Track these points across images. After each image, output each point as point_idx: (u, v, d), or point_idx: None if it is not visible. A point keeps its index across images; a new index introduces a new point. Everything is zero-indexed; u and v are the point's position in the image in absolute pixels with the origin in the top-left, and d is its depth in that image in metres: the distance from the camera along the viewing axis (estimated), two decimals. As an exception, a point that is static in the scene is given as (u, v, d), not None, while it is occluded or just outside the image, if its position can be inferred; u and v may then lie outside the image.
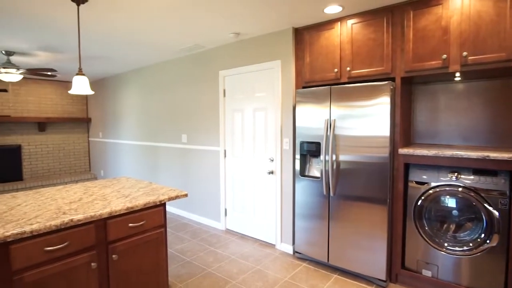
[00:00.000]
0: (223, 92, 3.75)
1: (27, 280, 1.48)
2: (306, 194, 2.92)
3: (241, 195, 3.66)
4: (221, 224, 3.90)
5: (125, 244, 1.87)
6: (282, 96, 3.17)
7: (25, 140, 6.00)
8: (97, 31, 3.15)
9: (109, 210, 1.76)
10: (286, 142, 3.15)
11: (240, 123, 3.61)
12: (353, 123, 2.57)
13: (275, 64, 3.19)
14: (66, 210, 1.74)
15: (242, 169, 3.62)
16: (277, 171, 3.24)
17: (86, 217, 1.66)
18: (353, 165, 2.60)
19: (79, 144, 6.81)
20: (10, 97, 5.80)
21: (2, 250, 1.42)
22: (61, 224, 1.57)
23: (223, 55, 3.73)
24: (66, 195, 2.10)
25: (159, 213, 2.05)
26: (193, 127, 4.22)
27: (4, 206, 1.85)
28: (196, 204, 4.27)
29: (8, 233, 1.40)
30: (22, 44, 3.61)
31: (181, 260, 3.02)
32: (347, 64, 2.72)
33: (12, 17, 2.73)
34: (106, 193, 2.17)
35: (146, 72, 5.01)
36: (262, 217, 3.45)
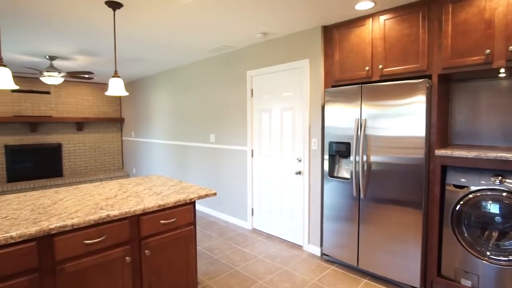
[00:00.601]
0: (251, 92, 3.77)
1: (69, 271, 1.58)
2: (335, 196, 2.86)
3: (268, 195, 3.66)
4: (247, 224, 3.92)
5: (157, 240, 1.94)
6: (311, 96, 3.12)
7: (65, 139, 6.40)
8: (130, 34, 3.28)
9: (142, 207, 1.83)
10: (315, 142, 3.10)
11: (267, 123, 3.61)
12: (386, 123, 2.48)
13: (303, 63, 3.15)
14: (103, 206, 1.83)
15: (269, 169, 3.61)
16: (305, 171, 3.19)
17: (121, 213, 1.73)
18: (385, 166, 2.50)
19: (113, 143, 7.15)
20: (52, 98, 6.21)
21: (47, 242, 1.52)
22: (99, 219, 1.65)
23: (251, 55, 3.75)
24: (102, 192, 2.21)
25: (189, 211, 2.10)
26: (221, 127, 4.27)
27: (49, 200, 1.98)
28: (223, 203, 4.33)
29: (52, 226, 1.50)
30: (63, 49, 3.85)
31: (209, 258, 3.07)
32: (379, 62, 2.62)
33: (55, 25, 2.91)
34: (139, 190, 2.25)
35: (176, 73, 5.15)
36: (289, 218, 3.42)
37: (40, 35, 3.24)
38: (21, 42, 3.50)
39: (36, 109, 6.01)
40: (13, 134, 5.78)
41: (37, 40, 3.42)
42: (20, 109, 5.83)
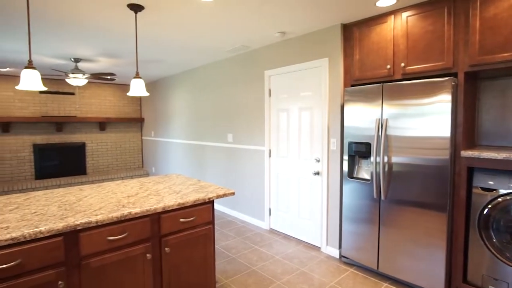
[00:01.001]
0: (269, 92, 3.76)
1: (93, 266, 1.63)
2: (355, 197, 2.80)
3: (285, 195, 3.64)
4: (265, 224, 3.92)
5: (177, 238, 1.97)
6: (329, 95, 3.08)
7: (88, 138, 6.64)
8: (150, 36, 3.35)
9: (163, 205, 1.86)
10: (333, 142, 3.06)
11: (285, 123, 3.59)
12: (408, 122, 2.40)
13: (322, 62, 3.11)
14: (125, 203, 1.87)
15: (287, 169, 3.59)
16: (324, 172, 3.15)
17: (142, 210, 1.77)
18: (407, 167, 2.43)
19: (134, 142, 7.34)
20: (76, 99, 6.45)
21: (73, 237, 1.58)
22: (121, 216, 1.69)
23: (269, 55, 3.74)
24: (124, 190, 2.27)
25: (207, 210, 2.12)
26: (239, 126, 4.29)
27: (74, 197, 2.06)
28: (240, 202, 4.35)
29: (78, 222, 1.55)
30: (87, 52, 3.98)
31: (226, 257, 3.09)
32: (401, 60, 2.54)
33: (80, 28, 3.02)
34: (159, 189, 2.30)
35: (195, 73, 5.22)
36: (307, 219, 3.38)
37: (66, 38, 3.37)
38: (49, 45, 3.66)
39: (61, 110, 6.26)
40: (41, 134, 6.05)
41: (63, 43, 3.56)
42: (47, 110, 6.09)
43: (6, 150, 5.71)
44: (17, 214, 1.68)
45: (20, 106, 5.82)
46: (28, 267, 1.43)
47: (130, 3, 2.44)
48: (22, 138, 5.86)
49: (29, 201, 1.95)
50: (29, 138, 5.93)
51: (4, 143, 5.69)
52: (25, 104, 5.86)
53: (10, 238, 1.37)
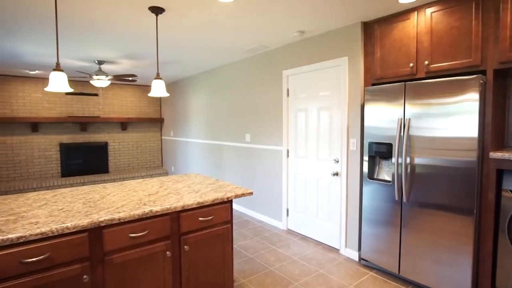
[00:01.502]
0: (287, 92, 3.74)
1: (115, 262, 1.68)
2: (375, 199, 2.74)
3: (303, 196, 3.61)
4: (282, 224, 3.90)
5: (196, 237, 1.99)
6: (349, 95, 3.02)
7: (110, 137, 6.85)
8: (170, 38, 3.42)
9: (182, 204, 1.89)
10: (353, 142, 3.00)
11: (303, 123, 3.56)
12: (432, 122, 2.32)
13: (341, 61, 3.06)
14: (146, 202, 1.92)
15: (305, 170, 3.56)
16: (343, 172, 3.10)
17: (163, 209, 1.81)
18: (430, 169, 2.34)
19: (154, 142, 7.51)
20: (100, 100, 6.68)
21: (97, 233, 1.63)
22: (143, 214, 1.74)
23: (287, 55, 3.72)
24: (145, 188, 2.32)
25: (226, 209, 2.13)
26: (257, 126, 4.30)
27: (98, 195, 2.13)
28: (258, 202, 4.35)
29: (102, 219, 1.60)
30: (110, 54, 4.11)
31: (244, 256, 3.10)
32: (425, 58, 2.46)
33: (103, 32, 3.12)
34: (178, 187, 2.34)
35: (213, 74, 5.28)
36: (325, 220, 3.34)
37: (91, 42, 3.50)
38: (75, 49, 3.81)
39: (86, 110, 6.50)
40: (67, 133, 6.31)
41: (88, 46, 3.69)
42: (72, 110, 6.34)
43: (35, 149, 6.00)
44: (45, 210, 1.76)
45: (48, 107, 6.09)
46: (56, 261, 1.49)
47: (152, 6, 2.50)
48: (49, 137, 6.13)
49: (56, 198, 2.03)
50: (55, 138, 6.19)
51: (33, 142, 5.98)
52: (52, 105, 6.13)
53: (39, 233, 1.43)
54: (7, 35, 3.23)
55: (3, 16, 2.67)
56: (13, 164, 5.82)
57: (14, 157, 5.82)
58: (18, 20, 2.78)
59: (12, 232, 1.40)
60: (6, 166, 5.76)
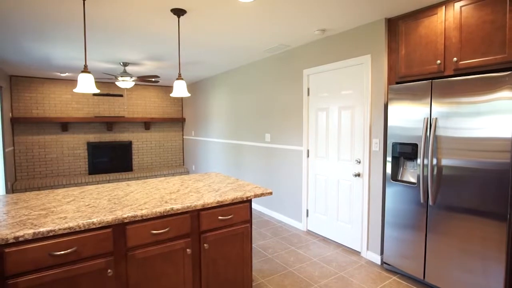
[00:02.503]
0: (307, 91, 3.70)
1: (138, 257, 1.73)
2: (399, 201, 2.65)
3: (323, 197, 3.55)
4: (302, 225, 3.86)
5: (215, 235, 2.01)
6: (372, 94, 2.94)
7: (134, 137, 7.07)
8: (192, 39, 3.47)
9: (202, 203, 1.91)
10: (376, 143, 2.92)
11: (324, 123, 3.50)
12: (461, 122, 2.21)
13: (364, 59, 2.99)
14: (167, 200, 1.96)
15: (326, 170, 3.50)
16: (365, 173, 3.02)
17: (183, 207, 1.84)
18: (459, 171, 2.23)
19: (175, 141, 7.67)
20: (125, 100, 6.91)
21: (121, 229, 1.68)
22: (164, 212, 1.77)
23: (307, 54, 3.68)
24: (166, 186, 2.38)
25: (245, 209, 2.14)
26: (277, 126, 4.28)
27: (121, 192, 2.20)
28: (277, 202, 4.33)
29: (125, 215, 1.65)
30: (134, 56, 4.25)
31: (263, 256, 3.10)
32: (454, 54, 2.35)
33: (128, 34, 3.23)
34: (198, 186, 2.37)
35: (233, 74, 5.31)
36: (346, 222, 3.27)
37: (116, 45, 3.62)
38: (101, 51, 3.96)
39: (111, 110, 6.75)
40: (94, 133, 6.58)
41: (114, 49, 3.83)
42: (99, 111, 6.61)
43: (65, 147, 6.30)
44: (73, 206, 1.84)
45: (77, 107, 6.38)
46: (83, 255, 1.56)
47: (174, 8, 2.55)
48: (78, 136, 6.42)
49: (83, 194, 2.12)
50: (83, 137, 6.48)
51: (63, 141, 6.29)
52: (80, 105, 6.42)
53: (68, 227, 1.50)
54: (42, 40, 3.41)
55: (39, 22, 2.82)
56: (45, 162, 6.15)
57: (46, 155, 6.15)
58: (51, 25, 2.93)
59: (43, 226, 1.48)
60: (39, 163, 6.09)
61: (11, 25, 2.92)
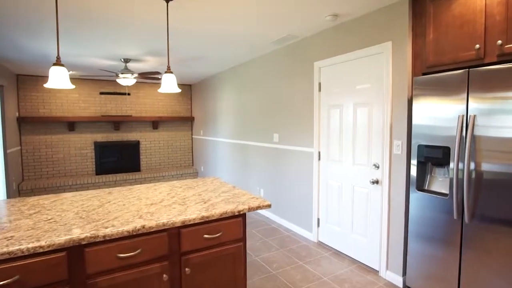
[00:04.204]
0: (318, 86, 3.30)
1: (101, 286, 1.42)
2: (425, 214, 2.22)
3: (336, 205, 3.15)
4: (312, 235, 3.48)
5: (199, 257, 1.68)
6: (393, 87, 2.52)
7: (142, 136, 6.89)
8: (191, 30, 3.16)
9: (183, 219, 1.58)
10: (398, 145, 2.49)
11: (337, 121, 3.09)
12: (508, 120, 1.76)
13: (383, 48, 2.56)
14: (143, 214, 1.65)
15: (339, 175, 3.10)
16: (384, 180, 2.60)
17: (158, 224, 1.52)
18: (504, 177, 1.79)
19: (184, 141, 7.44)
20: (132, 99, 6.74)
21: (78, 252, 1.38)
22: (133, 230, 1.46)
23: (318, 44, 3.28)
24: (151, 195, 2.07)
25: (237, 225, 1.79)
26: (285, 125, 3.91)
27: (97, 202, 1.91)
28: (286, 209, 3.96)
29: (82, 236, 1.35)
30: (133, 51, 3.99)
31: (266, 272, 2.75)
32: (498, 36, 1.89)
33: (122, 26, 2.95)
34: (187, 196, 2.05)
35: (240, 70, 4.97)
36: (362, 235, 2.86)
37: (114, 39, 3.37)
38: (100, 47, 3.73)
39: (119, 109, 6.59)
40: (101, 132, 6.44)
41: (112, 44, 3.58)
42: (106, 110, 6.46)
43: (72, 147, 6.20)
44: (32, 220, 1.56)
45: (83, 106, 6.26)
46: (28, 285, 1.27)
47: (162, -9, 2.24)
48: (85, 136, 6.30)
49: (54, 204, 1.85)
50: (90, 136, 6.35)
51: (70, 141, 6.18)
52: (87, 104, 6.29)
53: (6, 252, 1.21)
54: (31, 34, 3.20)
55: (23, 15, 2.60)
56: (52, 162, 6.06)
57: (53, 155, 6.06)
58: (38, 18, 2.70)
59: (-27, 251, 1.19)
60: (46, 163, 6.01)
61: (2, 19, 2.72)
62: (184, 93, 7.39)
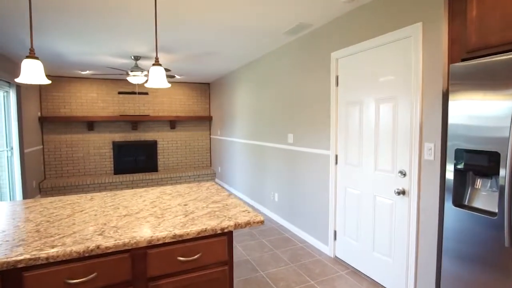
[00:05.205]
0: (335, 80, 2.90)
1: (45, 318, 1.18)
2: (465, 238, 1.76)
3: (355, 217, 2.74)
4: (328, 249, 3.08)
5: (172, 283, 1.39)
6: (424, 79, 2.08)
7: (159, 136, 6.81)
8: (200, 22, 2.90)
9: (149, 237, 1.30)
10: (429, 148, 2.04)
11: (356, 120, 2.68)
12: None
13: (411, 31, 2.12)
14: (107, 229, 1.39)
15: (358, 183, 2.68)
16: (412, 191, 2.16)
17: (117, 244, 1.25)
18: None
19: (202, 141, 7.27)
20: (150, 99, 6.68)
21: (16, 276, 1.15)
22: (85, 251, 1.20)
23: (335, 32, 2.88)
24: (132, 204, 1.82)
25: (221, 245, 1.48)
26: (299, 125, 3.54)
27: (70, 210, 1.69)
28: (300, 216, 3.59)
29: (20, 258, 1.11)
30: (142, 47, 3.82)
31: (270, 292, 2.42)
32: None
33: (128, 18, 2.76)
34: (171, 206, 1.78)
35: (254, 66, 4.66)
36: (385, 254, 2.43)
37: (121, 34, 3.21)
38: (109, 44, 3.59)
39: (136, 109, 6.55)
40: (119, 132, 6.43)
41: (121, 40, 3.43)
42: (124, 109, 6.45)
43: (91, 146, 6.24)
44: (-17, 232, 1.36)
45: (102, 106, 6.28)
46: (-49, 316, 1.05)
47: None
48: (103, 135, 6.32)
49: (25, 210, 1.66)
50: (109, 136, 6.36)
51: (89, 140, 6.23)
52: (105, 104, 6.31)
53: None
54: (39, 32, 3.12)
55: (27, 13, 2.48)
56: (72, 161, 6.14)
57: (73, 154, 6.13)
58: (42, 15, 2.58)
59: None
60: (67, 162, 6.10)
61: (10, 17, 2.63)
62: (202, 92, 7.22)
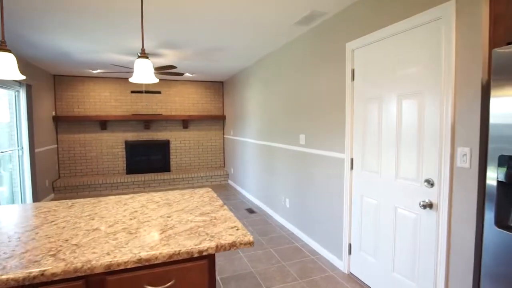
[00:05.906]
0: (351, 74, 2.57)
1: None
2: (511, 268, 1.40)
3: (372, 230, 2.40)
4: (342, 264, 2.75)
5: (138, 317, 1.15)
6: (457, 69, 1.71)
7: (172, 136, 6.69)
8: (206, 15, 2.67)
9: (108, 262, 1.07)
10: (464, 154, 1.68)
11: (375, 119, 2.34)
12: None
13: (441, 12, 1.77)
14: (63, 248, 1.17)
15: (377, 191, 2.34)
16: (442, 205, 1.81)
17: (66, 270, 1.02)
18: None
19: (215, 141, 7.08)
20: (162, 98, 6.57)
21: None
22: (25, 279, 0.98)
23: (350, 20, 2.54)
24: (110, 214, 1.61)
25: (199, 271, 1.23)
26: (312, 125, 3.22)
27: (41, 219, 1.51)
28: (312, 225, 3.27)
29: None
30: (149, 43, 3.65)
31: (272, 314, 2.14)
32: None
33: (125, 14, 2.59)
34: (152, 217, 1.54)
35: (266, 61, 4.37)
36: (407, 275, 2.08)
37: (124, 30, 3.04)
38: (113, 41, 3.45)
39: (149, 108, 6.47)
40: (131, 131, 6.37)
41: (124, 36, 3.28)
42: (137, 108, 6.37)
43: (103, 146, 6.22)
44: None
45: (115, 105, 6.24)
46: None
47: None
48: (116, 135, 6.28)
49: None
50: (121, 135, 6.31)
51: (102, 140, 6.21)
52: (118, 103, 6.26)
53: None
54: (42, 30, 3.02)
55: (29, 10, 2.36)
56: (86, 160, 6.14)
57: (87, 153, 6.13)
58: (40, 12, 2.45)
59: None
60: (80, 162, 6.11)
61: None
62: (215, 90, 7.03)
